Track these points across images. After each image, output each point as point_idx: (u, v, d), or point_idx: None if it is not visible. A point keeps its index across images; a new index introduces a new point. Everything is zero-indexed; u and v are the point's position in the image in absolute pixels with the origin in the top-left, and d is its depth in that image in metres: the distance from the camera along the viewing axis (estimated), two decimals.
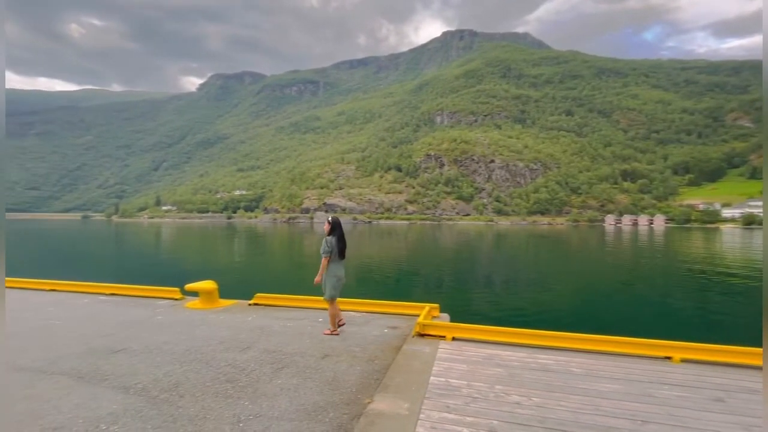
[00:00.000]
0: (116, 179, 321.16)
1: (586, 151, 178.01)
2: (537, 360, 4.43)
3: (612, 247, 45.15)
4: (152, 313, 6.43)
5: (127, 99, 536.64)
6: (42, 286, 8.41)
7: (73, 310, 6.61)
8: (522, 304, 14.42)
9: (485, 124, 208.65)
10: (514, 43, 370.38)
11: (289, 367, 4.15)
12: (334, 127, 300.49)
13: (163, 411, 3.17)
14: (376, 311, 6.64)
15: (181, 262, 29.21)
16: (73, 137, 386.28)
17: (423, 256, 33.45)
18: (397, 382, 3.82)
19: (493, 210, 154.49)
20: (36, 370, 3.98)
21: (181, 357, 4.41)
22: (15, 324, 5.68)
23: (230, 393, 3.52)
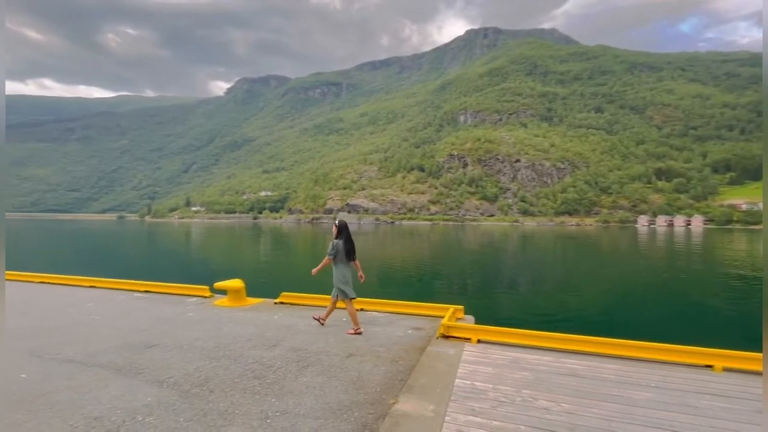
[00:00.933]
0: (149, 181, 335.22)
1: (617, 149, 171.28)
2: (565, 365, 4.30)
3: (645, 248, 43.26)
4: (183, 310, 6.66)
5: (159, 104, 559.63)
6: (82, 282, 8.88)
7: (110, 306, 6.94)
8: (549, 307, 14.03)
9: (510, 122, 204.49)
10: (540, 39, 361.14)
11: (314, 366, 4.21)
12: (356, 128, 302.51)
13: (194, 405, 3.27)
14: (399, 312, 6.63)
15: (210, 261, 30.17)
16: (110, 141, 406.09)
17: (446, 257, 33.15)
18: (421, 384, 3.80)
19: (518, 210, 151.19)
20: (78, 362, 4.20)
21: (210, 353, 4.55)
22: (59, 318, 6.02)
23: (257, 389, 3.59)
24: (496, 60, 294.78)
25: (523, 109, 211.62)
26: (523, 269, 26.12)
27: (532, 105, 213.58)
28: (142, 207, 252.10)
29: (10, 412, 3.10)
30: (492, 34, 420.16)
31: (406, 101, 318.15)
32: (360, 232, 79.55)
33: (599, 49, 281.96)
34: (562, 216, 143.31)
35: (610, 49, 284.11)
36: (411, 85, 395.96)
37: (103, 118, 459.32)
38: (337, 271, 5.57)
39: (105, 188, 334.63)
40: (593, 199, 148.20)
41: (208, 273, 20.75)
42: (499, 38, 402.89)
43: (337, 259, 5.57)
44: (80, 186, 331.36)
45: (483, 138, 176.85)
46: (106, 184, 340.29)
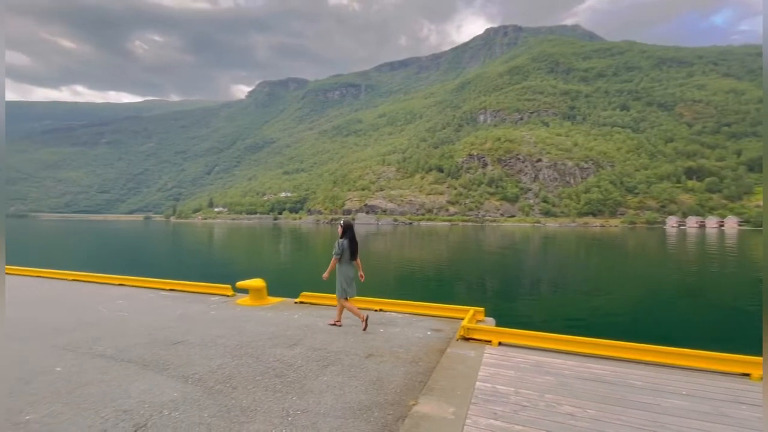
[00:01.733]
0: (174, 183, 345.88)
1: (644, 147, 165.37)
2: (590, 370, 4.17)
3: (675, 250, 41.60)
4: (207, 309, 6.84)
5: (183, 108, 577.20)
6: (112, 280, 9.24)
7: (138, 303, 7.19)
8: (572, 310, 13.68)
9: (531, 121, 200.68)
10: (563, 36, 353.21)
11: (334, 365, 4.23)
12: (375, 129, 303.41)
13: (218, 401, 3.35)
14: (418, 313, 6.60)
15: (232, 261, 30.86)
16: (137, 145, 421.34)
17: (466, 258, 32.79)
18: (441, 386, 3.76)
19: (540, 211, 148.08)
20: (109, 357, 4.36)
21: (233, 351, 4.64)
22: (91, 314, 6.28)
23: (279, 387, 3.64)
24: (517, 58, 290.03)
25: (545, 107, 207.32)
26: (545, 271, 25.56)
27: (554, 103, 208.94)
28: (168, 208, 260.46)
29: (48, 404, 3.25)
30: (512, 32, 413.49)
31: (425, 101, 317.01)
32: (378, 233, 79.72)
33: (625, 45, 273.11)
34: (585, 217, 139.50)
35: (636, 44, 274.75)
36: (429, 85, 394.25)
37: (131, 123, 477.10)
38: (340, 271, 5.68)
39: (133, 190, 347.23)
40: (618, 200, 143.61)
41: (230, 272, 21.23)
42: (520, 36, 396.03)
43: (342, 258, 5.68)
44: (110, 188, 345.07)
45: (503, 137, 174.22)
46: (134, 186, 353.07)
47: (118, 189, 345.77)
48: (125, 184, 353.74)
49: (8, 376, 3.79)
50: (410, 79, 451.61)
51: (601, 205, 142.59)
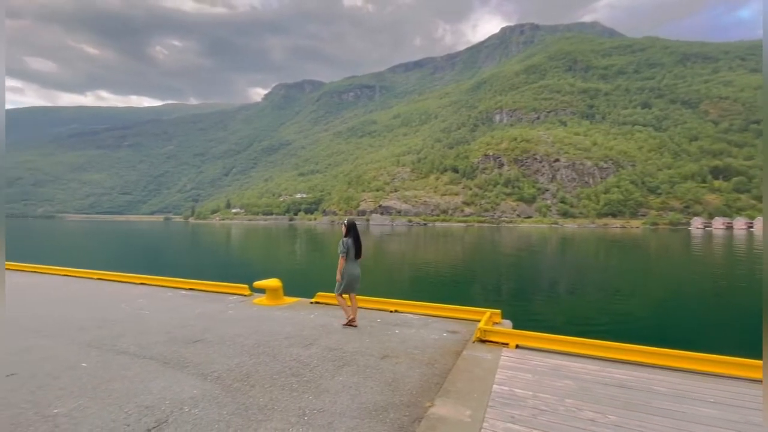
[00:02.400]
0: (192, 184, 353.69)
1: (667, 146, 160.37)
2: (612, 375, 4.06)
3: (700, 252, 40.21)
4: (225, 308, 6.96)
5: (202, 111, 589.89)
6: (133, 279, 9.51)
7: (158, 302, 7.38)
8: (592, 313, 13.37)
9: (548, 121, 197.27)
10: (581, 33, 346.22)
11: (349, 365, 4.24)
12: (389, 130, 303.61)
13: (236, 399, 3.40)
14: (434, 314, 6.55)
15: (249, 261, 31.34)
16: (158, 147, 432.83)
17: (481, 260, 32.46)
18: (458, 388, 3.72)
19: (557, 212, 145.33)
20: (131, 354, 4.48)
21: (250, 350, 4.71)
22: (115, 312, 6.48)
23: (295, 387, 3.67)
24: (534, 57, 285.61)
25: (563, 106, 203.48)
26: (563, 273, 25.07)
27: (572, 102, 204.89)
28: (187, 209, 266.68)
29: (75, 398, 3.36)
30: (529, 31, 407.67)
31: (440, 102, 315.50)
32: (393, 233, 79.69)
33: (646, 41, 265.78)
34: (605, 218, 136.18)
35: (658, 40, 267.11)
36: (444, 85, 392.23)
37: (152, 126, 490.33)
38: (345, 269, 5.77)
39: (153, 191, 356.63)
40: (640, 200, 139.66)
41: (247, 272, 21.57)
42: (537, 34, 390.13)
43: (347, 256, 5.79)
44: (131, 189, 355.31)
45: (520, 137, 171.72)
46: (154, 187, 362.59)
47: (139, 190, 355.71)
48: (146, 186, 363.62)
49: (39, 371, 3.94)
50: (425, 79, 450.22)
51: (621, 206, 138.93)
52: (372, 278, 21.58)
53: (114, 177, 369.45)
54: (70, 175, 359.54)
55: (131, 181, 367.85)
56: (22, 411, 3.11)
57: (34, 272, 10.94)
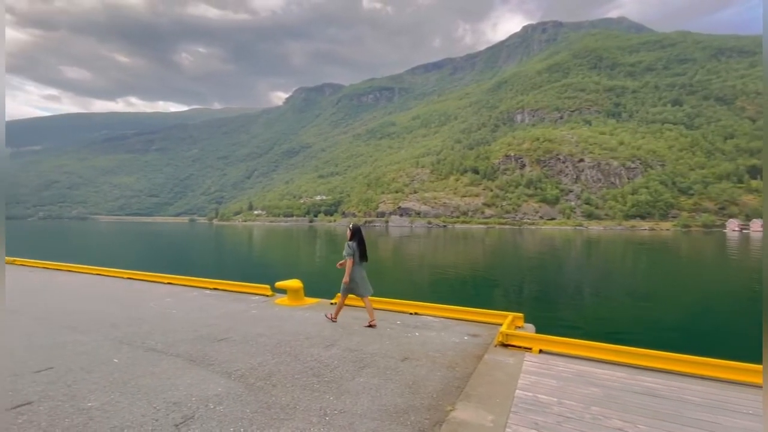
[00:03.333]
0: (216, 187, 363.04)
1: (700, 145, 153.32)
2: (641, 383, 3.91)
3: (737, 256, 38.24)
4: (247, 308, 7.11)
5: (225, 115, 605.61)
6: (161, 279, 9.84)
7: (184, 301, 7.60)
8: (619, 318, 12.93)
9: (572, 120, 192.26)
10: (607, 29, 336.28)
11: (370, 367, 4.25)
12: (408, 132, 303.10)
13: (259, 398, 3.46)
14: (454, 317, 6.49)
15: (270, 261, 31.90)
16: (183, 151, 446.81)
17: (503, 262, 31.93)
18: (479, 392, 3.67)
19: (582, 214, 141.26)
20: (159, 351, 4.64)
21: (273, 349, 4.79)
22: (143, 311, 6.72)
23: (316, 387, 3.71)
24: (557, 55, 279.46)
25: (587, 105, 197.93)
26: (588, 276, 24.36)
27: (597, 100, 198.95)
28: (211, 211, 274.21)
29: (107, 392, 3.50)
30: (551, 28, 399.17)
31: (459, 102, 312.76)
32: (412, 235, 79.42)
33: (677, 36, 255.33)
34: (632, 220, 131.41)
35: (690, 34, 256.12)
36: (464, 85, 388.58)
37: (178, 130, 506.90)
38: (352, 271, 5.95)
39: (179, 194, 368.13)
40: (670, 201, 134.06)
41: (268, 273, 21.96)
42: (560, 32, 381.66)
43: (353, 259, 5.97)
44: (158, 192, 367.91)
45: (542, 137, 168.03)
46: (180, 190, 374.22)
47: (166, 193, 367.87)
48: (172, 188, 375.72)
49: (74, 366, 4.13)
50: (444, 80, 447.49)
51: (650, 207, 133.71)
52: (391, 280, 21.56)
53: (142, 180, 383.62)
54: (102, 178, 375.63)
55: (158, 183, 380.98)
56: (59, 404, 3.27)
57: (69, 271, 11.48)
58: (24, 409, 3.16)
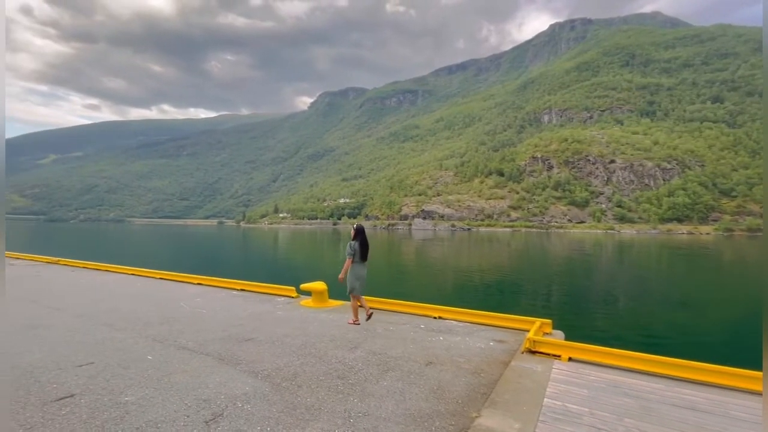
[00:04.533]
0: (243, 190, 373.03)
1: (743, 144, 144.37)
2: (680, 395, 3.70)
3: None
4: (273, 309, 7.25)
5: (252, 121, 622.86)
6: (191, 280, 10.18)
7: (213, 301, 7.84)
8: (654, 327, 12.32)
9: (602, 120, 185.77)
10: (640, 25, 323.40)
11: (393, 371, 4.24)
12: (432, 134, 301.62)
13: (284, 398, 3.51)
14: (479, 322, 6.38)
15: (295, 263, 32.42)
16: (213, 156, 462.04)
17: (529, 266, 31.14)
18: (506, 399, 3.58)
19: (613, 217, 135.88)
20: (190, 350, 4.80)
21: (298, 350, 4.86)
22: (175, 310, 6.97)
23: (341, 389, 3.73)
24: (586, 53, 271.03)
25: (619, 104, 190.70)
26: (621, 282, 23.38)
27: (630, 99, 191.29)
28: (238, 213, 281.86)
29: (142, 388, 3.65)
30: (580, 26, 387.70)
31: (484, 104, 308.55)
32: (435, 238, 78.79)
33: (717, 29, 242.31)
34: (669, 223, 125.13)
35: (731, 27, 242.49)
36: (489, 86, 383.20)
37: (207, 136, 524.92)
38: (352, 270, 6.15)
39: (208, 197, 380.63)
40: (711, 204, 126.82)
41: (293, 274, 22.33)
42: (589, 29, 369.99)
43: (354, 258, 6.14)
44: (189, 195, 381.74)
45: (570, 138, 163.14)
46: (209, 193, 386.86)
47: (196, 196, 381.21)
48: (202, 192, 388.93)
49: (112, 362, 4.34)
50: (468, 81, 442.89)
51: (688, 210, 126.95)
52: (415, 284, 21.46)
53: (174, 184, 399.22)
54: (137, 182, 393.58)
55: (189, 187, 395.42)
56: (99, 397, 3.43)
57: (107, 271, 12.08)
58: (67, 401, 3.34)
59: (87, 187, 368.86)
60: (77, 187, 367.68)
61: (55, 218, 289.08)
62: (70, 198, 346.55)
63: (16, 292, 8.48)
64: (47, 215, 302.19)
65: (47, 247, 40.63)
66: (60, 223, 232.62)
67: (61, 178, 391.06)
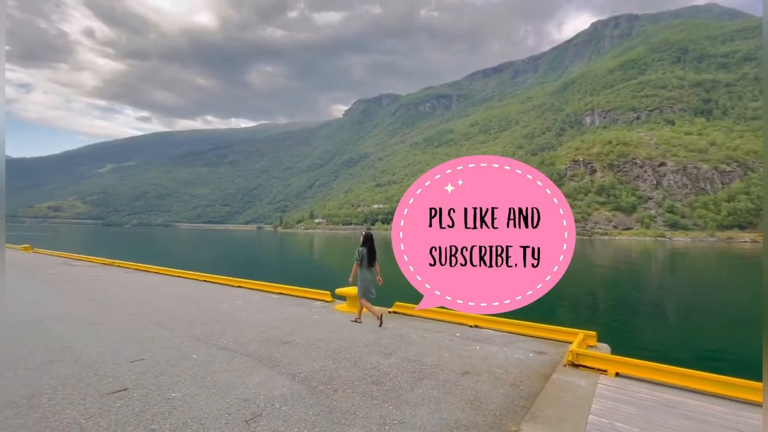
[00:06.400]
0: (281, 196, 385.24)
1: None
2: (747, 421, 3.37)
3: None
4: (309, 312, 7.39)
5: (289, 129, 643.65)
6: (232, 282, 10.61)
7: (252, 303, 8.12)
8: (712, 344, 11.36)
9: (651, 120, 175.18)
10: (694, 18, 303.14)
11: (428, 379, 4.18)
12: (467, 139, 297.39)
13: (321, 401, 3.56)
14: (517, 332, 6.17)
15: (330, 267, 32.95)
16: (252, 163, 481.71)
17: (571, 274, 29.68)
18: (547, 414, 3.42)
19: (664, 223, 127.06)
20: (231, 350, 4.98)
21: (333, 354, 4.91)
22: (217, 311, 7.29)
23: (376, 395, 3.72)
24: (632, 50, 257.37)
25: (669, 103, 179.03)
26: (674, 293, 21.80)
27: (682, 97, 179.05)
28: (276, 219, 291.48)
29: (188, 385, 3.83)
30: (625, 23, 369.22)
31: (521, 106, 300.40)
32: None
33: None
34: (729, 230, 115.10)
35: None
36: (527, 89, 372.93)
37: (247, 144, 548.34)
38: (361, 274, 6.56)
39: (248, 203, 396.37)
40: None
41: (328, 278, 22.69)
42: (635, 26, 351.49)
43: (362, 264, 6.54)
44: (230, 201, 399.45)
45: (615, 140, 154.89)
46: (249, 199, 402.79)
47: (236, 202, 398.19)
48: (242, 198, 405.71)
49: (161, 359, 4.59)
50: (505, 84, 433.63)
51: (751, 216, 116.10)
52: None
53: (216, 191, 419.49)
54: (183, 189, 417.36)
55: (230, 194, 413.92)
56: (149, 392, 3.64)
57: (155, 273, 12.87)
58: (121, 394, 3.58)
59: (138, 194, 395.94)
60: (130, 193, 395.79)
61: (111, 223, 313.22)
62: (124, 204, 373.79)
63: (78, 291, 9.22)
64: (104, 220, 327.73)
65: (104, 250, 43.91)
66: (115, 227, 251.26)
67: (116, 185, 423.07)
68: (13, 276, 11.59)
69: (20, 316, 6.49)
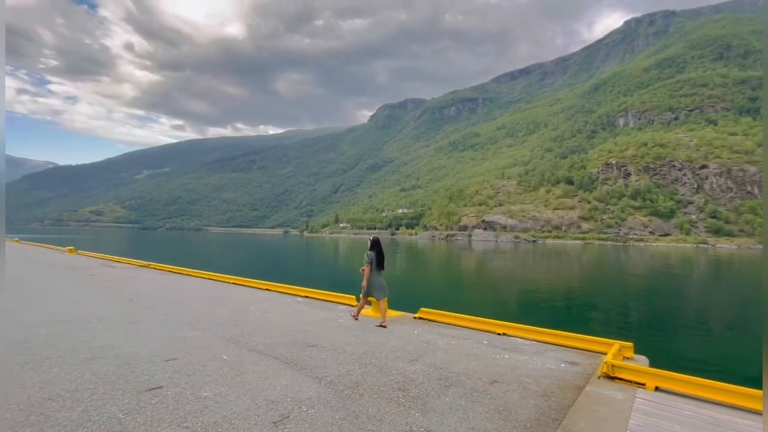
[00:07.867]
0: (307, 201, 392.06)
1: None
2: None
3: None
4: (335, 316, 7.44)
5: (316, 135, 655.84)
6: (260, 285, 10.87)
7: (280, 306, 8.26)
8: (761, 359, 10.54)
9: (690, 121, 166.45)
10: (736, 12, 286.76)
11: (456, 387, 4.10)
12: (493, 142, 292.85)
13: (347, 405, 3.56)
14: (548, 341, 5.96)
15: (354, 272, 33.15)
16: (280, 169, 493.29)
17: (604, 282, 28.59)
18: (581, 428, 3.28)
19: (706, 229, 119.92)
20: (260, 352, 5.08)
21: (359, 359, 4.91)
22: (246, 313, 7.47)
23: (402, 401, 3.68)
24: (669, 48, 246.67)
25: (711, 102, 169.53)
26: (718, 304, 20.50)
27: (725, 96, 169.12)
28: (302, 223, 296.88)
29: (218, 384, 3.94)
30: (661, 20, 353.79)
31: (550, 109, 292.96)
32: (497, 250, 75.77)
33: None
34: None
35: None
36: (555, 91, 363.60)
37: (275, 151, 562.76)
38: (370, 277, 6.89)
39: (275, 208, 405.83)
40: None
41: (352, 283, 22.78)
42: (672, 22, 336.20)
43: (372, 267, 6.89)
44: (258, 206, 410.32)
45: (651, 142, 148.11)
46: (276, 204, 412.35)
47: (264, 207, 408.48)
48: (270, 203, 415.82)
49: (193, 359, 4.74)
50: (532, 86, 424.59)
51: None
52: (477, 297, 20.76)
53: (245, 196, 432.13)
54: (214, 194, 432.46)
55: (258, 198, 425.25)
56: (182, 390, 3.76)
57: (188, 275, 13.36)
58: (156, 392, 3.71)
59: (172, 199, 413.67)
60: (164, 198, 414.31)
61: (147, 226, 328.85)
62: (159, 208, 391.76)
63: (117, 292, 9.71)
64: (140, 224, 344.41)
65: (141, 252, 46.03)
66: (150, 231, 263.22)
67: (152, 191, 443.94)
68: (58, 276, 12.36)
69: (65, 315, 6.89)
